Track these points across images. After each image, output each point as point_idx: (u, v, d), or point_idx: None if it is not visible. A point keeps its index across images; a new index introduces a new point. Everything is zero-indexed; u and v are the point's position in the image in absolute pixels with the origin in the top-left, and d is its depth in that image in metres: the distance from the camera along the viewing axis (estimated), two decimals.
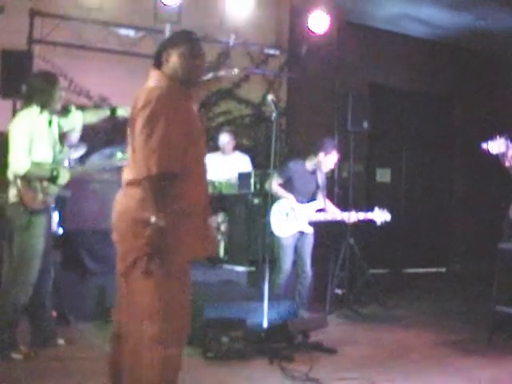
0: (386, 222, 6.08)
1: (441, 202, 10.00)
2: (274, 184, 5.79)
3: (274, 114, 5.04)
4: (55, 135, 4.64)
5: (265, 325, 4.79)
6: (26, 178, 4.37)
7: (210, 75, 5.21)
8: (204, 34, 7.33)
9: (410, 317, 6.48)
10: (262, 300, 4.84)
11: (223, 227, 6.72)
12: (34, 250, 4.40)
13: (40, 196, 4.43)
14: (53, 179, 4.46)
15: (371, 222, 6.09)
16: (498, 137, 5.05)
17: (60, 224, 6.01)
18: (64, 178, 4.53)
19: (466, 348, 5.21)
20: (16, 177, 4.38)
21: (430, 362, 4.77)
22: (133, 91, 2.95)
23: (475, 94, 9.87)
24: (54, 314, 5.34)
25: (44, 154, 4.48)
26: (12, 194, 4.42)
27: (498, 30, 8.64)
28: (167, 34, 6.74)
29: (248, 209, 6.61)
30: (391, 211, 6.14)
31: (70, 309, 5.44)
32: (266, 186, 6.00)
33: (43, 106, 4.49)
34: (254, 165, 7.27)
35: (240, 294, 5.57)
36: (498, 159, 5.09)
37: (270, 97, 5.22)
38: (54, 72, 4.75)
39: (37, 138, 4.43)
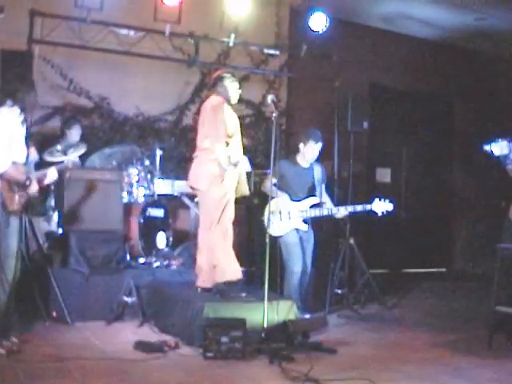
0: (387, 213, 5.97)
1: (441, 202, 9.99)
2: (268, 184, 5.64)
3: (274, 114, 5.04)
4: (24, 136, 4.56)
5: (265, 325, 4.79)
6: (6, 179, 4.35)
7: None
8: (204, 34, 7.36)
9: (409, 317, 6.48)
10: (261, 300, 4.84)
11: None
12: (8, 249, 4.44)
13: (16, 197, 4.44)
14: (25, 187, 4.46)
15: (372, 213, 6.01)
16: (500, 139, 5.03)
17: (60, 224, 6.01)
18: (35, 186, 4.53)
19: (466, 348, 5.21)
20: None
21: (430, 362, 4.77)
22: (132, 91, 2.96)
23: (475, 94, 9.87)
24: (54, 314, 5.35)
25: (19, 154, 4.45)
26: None
27: (498, 29, 8.64)
28: (167, 33, 6.74)
29: (248, 208, 6.60)
30: (391, 211, 6.12)
31: (70, 309, 5.43)
32: (262, 187, 5.99)
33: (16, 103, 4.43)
34: (254, 165, 7.26)
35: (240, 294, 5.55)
36: (499, 161, 5.08)
37: (270, 97, 5.22)
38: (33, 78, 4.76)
39: (15, 137, 4.40)
